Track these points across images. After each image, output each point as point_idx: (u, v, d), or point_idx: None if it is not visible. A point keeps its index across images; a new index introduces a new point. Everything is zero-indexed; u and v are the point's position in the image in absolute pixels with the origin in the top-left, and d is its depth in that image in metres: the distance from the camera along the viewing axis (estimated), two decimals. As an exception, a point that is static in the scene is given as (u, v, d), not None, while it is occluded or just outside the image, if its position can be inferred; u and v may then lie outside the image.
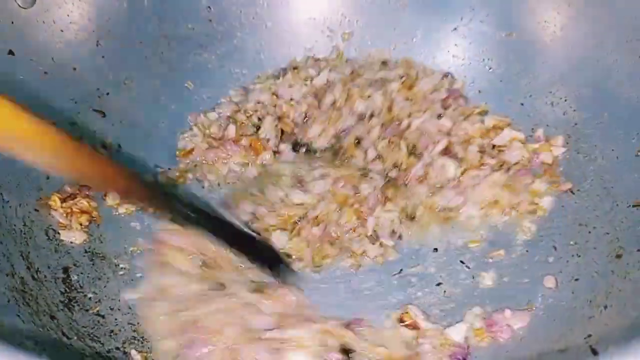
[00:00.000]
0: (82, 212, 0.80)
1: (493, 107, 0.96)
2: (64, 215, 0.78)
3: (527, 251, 0.80)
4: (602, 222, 0.77)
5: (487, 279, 0.78)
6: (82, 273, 0.76)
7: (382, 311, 0.74)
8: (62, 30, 0.87)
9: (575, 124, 0.87)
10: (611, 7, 0.84)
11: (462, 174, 0.83)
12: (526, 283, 0.77)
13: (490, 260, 0.80)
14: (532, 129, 0.91)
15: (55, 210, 0.78)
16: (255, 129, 0.93)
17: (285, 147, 0.92)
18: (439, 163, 0.84)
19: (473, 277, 0.78)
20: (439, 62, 1.02)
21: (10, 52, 0.80)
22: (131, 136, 0.92)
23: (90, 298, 0.73)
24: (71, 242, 0.78)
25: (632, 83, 0.81)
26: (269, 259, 0.75)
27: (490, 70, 0.98)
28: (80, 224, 0.79)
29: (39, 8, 0.83)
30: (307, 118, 0.94)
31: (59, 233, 0.77)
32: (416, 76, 0.96)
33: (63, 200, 0.79)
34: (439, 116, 0.89)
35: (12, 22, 0.80)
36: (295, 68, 1.01)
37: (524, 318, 0.72)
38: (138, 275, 0.77)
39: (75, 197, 0.80)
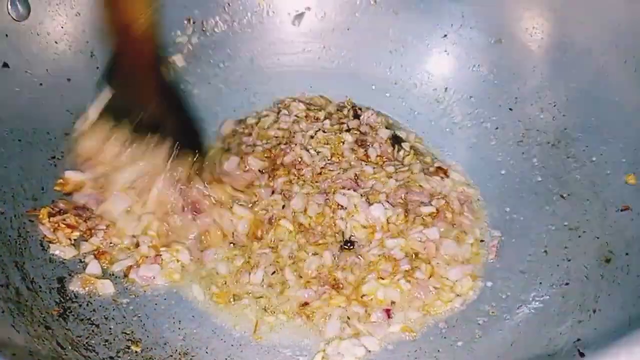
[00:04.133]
0: (69, 226, 0.78)
1: (482, 111, 0.97)
2: (51, 230, 0.77)
3: (517, 255, 0.81)
4: (592, 226, 0.78)
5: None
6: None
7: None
8: (56, 42, 0.88)
9: (565, 128, 0.88)
10: (598, 13, 0.85)
11: None
12: (517, 287, 0.78)
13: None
14: (522, 134, 0.93)
15: (43, 224, 0.77)
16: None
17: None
18: None
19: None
20: (429, 68, 1.03)
21: (5, 65, 0.81)
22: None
23: (84, 308, 0.74)
24: (61, 258, 0.77)
25: (620, 87, 0.83)
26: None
27: (480, 76, 0.99)
28: (70, 239, 0.78)
29: (33, 20, 0.84)
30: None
31: (49, 247, 0.77)
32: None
33: (52, 215, 0.78)
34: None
35: (6, 35, 0.81)
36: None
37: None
38: (132, 287, 0.78)
39: (65, 213, 0.79)
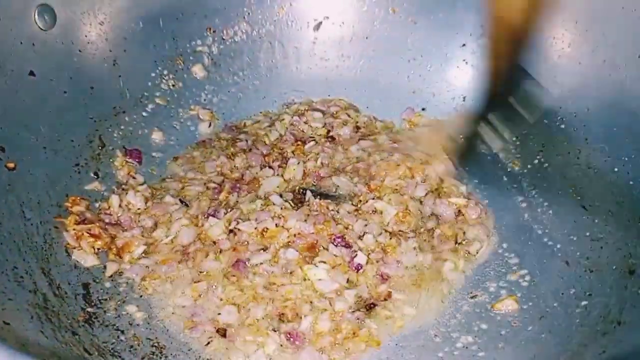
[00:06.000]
0: (92, 236, 0.79)
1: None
2: (74, 237, 0.79)
3: (538, 266, 0.81)
4: (615, 238, 0.77)
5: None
6: (101, 289, 0.77)
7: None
8: (80, 51, 0.89)
9: (586, 139, 0.88)
10: (619, 23, 0.85)
11: None
12: (539, 298, 0.77)
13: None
14: (542, 144, 0.92)
15: (67, 231, 0.79)
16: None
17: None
18: None
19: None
20: (448, 77, 1.03)
21: (32, 73, 0.82)
22: (144, 153, 0.94)
23: (109, 314, 0.75)
24: (84, 265, 0.78)
25: (642, 98, 0.82)
26: None
27: (500, 86, 0.99)
28: (93, 248, 0.79)
29: (58, 30, 0.86)
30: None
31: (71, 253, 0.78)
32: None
33: (78, 223, 0.80)
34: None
35: (33, 44, 0.82)
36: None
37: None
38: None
39: (92, 223, 0.80)
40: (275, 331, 0.73)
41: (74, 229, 0.79)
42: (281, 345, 0.73)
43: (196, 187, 0.90)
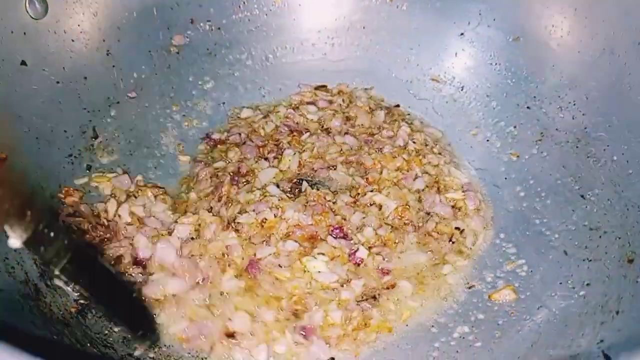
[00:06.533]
0: (80, 230, 0.77)
1: (500, 110, 0.97)
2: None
3: (537, 256, 0.80)
4: (614, 227, 0.77)
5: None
6: (94, 280, 0.76)
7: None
8: (73, 40, 0.88)
9: (585, 128, 0.87)
10: (619, 11, 0.84)
11: None
12: (537, 288, 0.77)
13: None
14: (541, 133, 0.91)
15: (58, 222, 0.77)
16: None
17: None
18: None
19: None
20: (446, 67, 1.02)
21: (23, 63, 0.81)
22: (139, 144, 0.93)
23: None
24: None
25: (642, 86, 0.81)
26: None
27: (498, 75, 0.98)
28: None
29: (50, 19, 0.84)
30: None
31: None
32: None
33: (69, 215, 0.78)
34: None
35: (24, 33, 0.81)
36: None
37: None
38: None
39: (82, 217, 0.79)
40: (293, 326, 0.73)
41: (63, 221, 0.78)
42: (295, 343, 0.72)
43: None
